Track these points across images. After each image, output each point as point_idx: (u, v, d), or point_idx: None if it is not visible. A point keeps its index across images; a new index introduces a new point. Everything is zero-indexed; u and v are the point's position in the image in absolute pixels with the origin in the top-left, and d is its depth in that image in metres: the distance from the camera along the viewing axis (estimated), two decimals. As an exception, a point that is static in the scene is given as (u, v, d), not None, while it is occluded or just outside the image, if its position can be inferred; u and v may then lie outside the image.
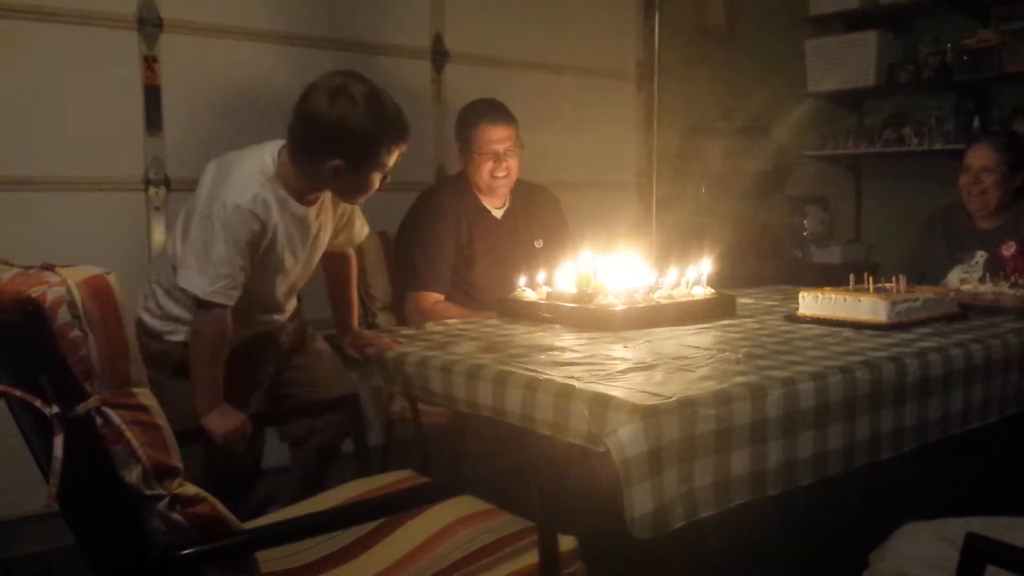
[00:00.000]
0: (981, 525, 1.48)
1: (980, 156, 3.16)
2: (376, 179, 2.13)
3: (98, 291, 1.22)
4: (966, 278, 2.85)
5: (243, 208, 2.03)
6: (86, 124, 3.23)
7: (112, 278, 1.25)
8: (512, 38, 4.33)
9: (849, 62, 4.50)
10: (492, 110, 2.98)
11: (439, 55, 4.12)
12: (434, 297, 2.91)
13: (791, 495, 1.69)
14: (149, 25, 3.33)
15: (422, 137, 4.09)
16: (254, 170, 2.10)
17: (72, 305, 1.20)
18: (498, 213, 3.07)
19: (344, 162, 2.05)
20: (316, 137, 2.04)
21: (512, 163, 2.98)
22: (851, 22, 4.57)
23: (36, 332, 1.20)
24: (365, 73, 3.85)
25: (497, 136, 2.94)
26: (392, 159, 2.13)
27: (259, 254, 2.11)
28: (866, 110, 4.73)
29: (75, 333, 1.20)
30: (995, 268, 2.91)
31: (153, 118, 3.36)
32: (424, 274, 2.91)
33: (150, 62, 3.34)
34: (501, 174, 2.96)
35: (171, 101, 3.39)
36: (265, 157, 2.12)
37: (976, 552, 1.35)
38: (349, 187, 2.13)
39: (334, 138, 2.03)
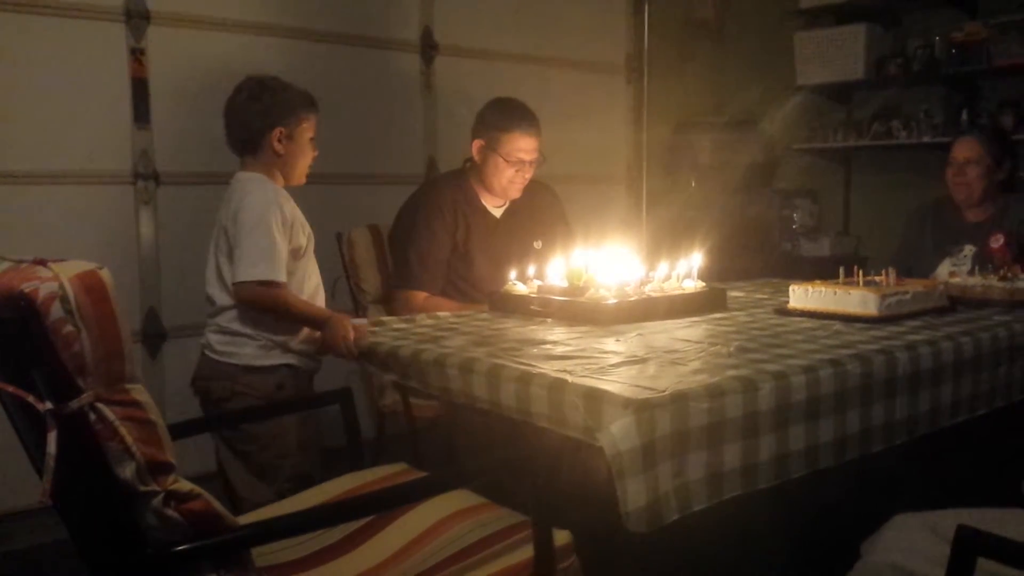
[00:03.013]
0: (972, 517, 1.49)
1: (965, 148, 3.18)
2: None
3: (91, 286, 1.22)
4: (955, 271, 2.87)
5: (274, 202, 2.41)
6: (73, 118, 3.22)
7: (105, 273, 1.25)
8: (501, 31, 4.33)
9: (838, 55, 4.51)
10: (527, 119, 2.92)
11: (428, 48, 4.12)
12: (424, 295, 2.90)
13: (783, 487, 1.70)
14: (136, 17, 3.32)
15: (412, 130, 4.09)
16: (264, 180, 2.47)
17: (65, 300, 1.19)
18: (497, 212, 3.05)
19: (283, 127, 2.45)
20: (249, 122, 2.46)
21: (530, 172, 2.96)
22: (840, 15, 4.58)
23: (29, 327, 1.19)
24: (354, 65, 3.92)
25: (528, 146, 2.90)
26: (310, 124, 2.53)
27: (292, 237, 2.44)
28: (855, 103, 4.75)
29: (68, 329, 1.20)
30: (983, 262, 2.92)
31: (141, 111, 3.34)
32: (418, 273, 2.90)
33: (137, 54, 3.33)
34: (518, 182, 2.94)
35: (159, 94, 3.37)
36: (258, 176, 2.48)
37: (967, 544, 1.36)
38: (293, 154, 2.50)
39: (266, 111, 2.45)
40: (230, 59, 3.44)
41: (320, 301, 2.56)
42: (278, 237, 2.37)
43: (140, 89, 3.34)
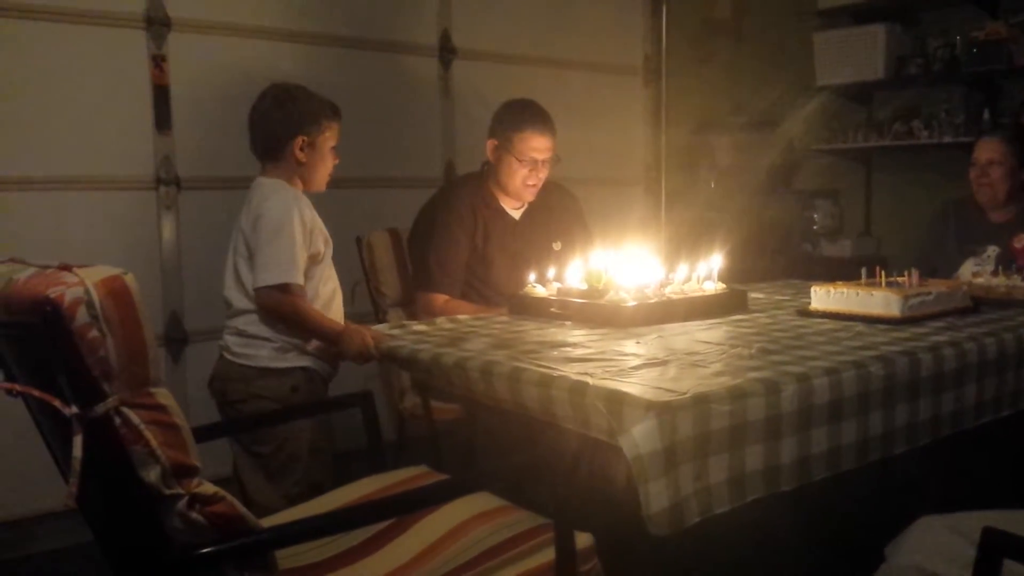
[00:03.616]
0: (997, 519, 1.48)
1: (988, 149, 3.17)
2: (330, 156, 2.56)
3: (116, 291, 1.23)
4: (979, 272, 2.85)
5: (295, 208, 2.43)
6: (96, 124, 3.24)
7: (130, 278, 1.26)
8: (519, 34, 4.33)
9: (858, 55, 4.49)
10: (540, 118, 2.93)
11: (446, 51, 4.13)
12: (444, 298, 2.91)
13: (805, 489, 1.69)
14: (157, 24, 3.34)
15: (430, 134, 4.10)
16: (285, 186, 2.50)
17: (90, 305, 1.21)
18: (516, 214, 3.05)
19: (305, 136, 2.47)
20: (272, 130, 2.49)
21: (544, 173, 2.96)
22: (859, 15, 4.56)
23: (54, 333, 1.20)
24: (373, 70, 3.94)
25: (540, 146, 2.90)
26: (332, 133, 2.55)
27: (312, 242, 2.46)
28: (875, 103, 4.72)
29: (93, 334, 1.21)
30: (1007, 262, 2.90)
31: (162, 117, 3.37)
32: (436, 275, 2.90)
33: (159, 61, 3.35)
34: (532, 182, 2.94)
35: (180, 100, 3.40)
36: (279, 182, 2.50)
37: (993, 546, 1.35)
38: (314, 161, 2.53)
39: (288, 119, 2.47)
40: (250, 65, 3.47)
41: (337, 305, 2.58)
42: (299, 242, 2.40)
43: (161, 96, 3.36)
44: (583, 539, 1.64)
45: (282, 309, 2.40)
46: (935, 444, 1.91)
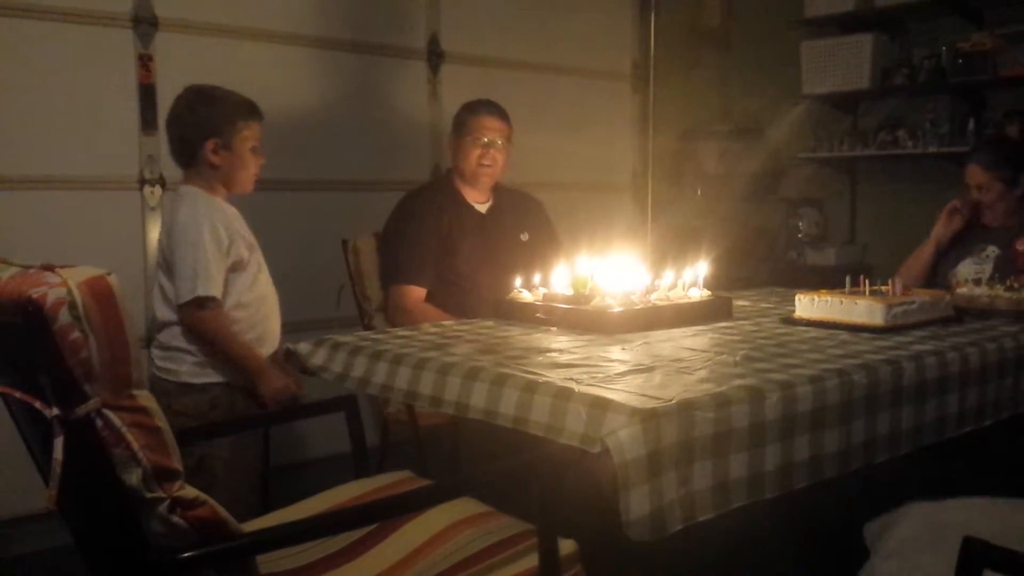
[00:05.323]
0: (981, 507, 1.48)
1: (974, 176, 3.18)
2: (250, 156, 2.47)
3: (99, 292, 1.22)
4: (961, 282, 2.86)
5: (206, 217, 2.37)
6: (81, 123, 3.22)
7: (113, 279, 1.25)
8: (508, 39, 4.33)
9: (844, 65, 4.52)
10: (491, 104, 3.12)
11: (435, 56, 4.12)
12: (416, 292, 2.94)
13: (788, 495, 1.69)
14: (144, 24, 3.33)
15: (418, 137, 4.10)
16: (197, 195, 2.44)
17: (73, 306, 1.20)
18: (482, 208, 3.13)
19: (216, 138, 2.40)
20: (182, 134, 2.44)
21: (499, 156, 3.07)
22: (846, 25, 4.58)
23: (36, 333, 1.19)
24: (360, 73, 3.93)
25: (492, 125, 3.06)
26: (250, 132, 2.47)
27: (232, 251, 2.39)
28: (861, 112, 4.75)
29: (76, 335, 1.20)
30: (1006, 262, 2.91)
31: (148, 117, 3.35)
32: (406, 266, 2.94)
33: (145, 61, 3.34)
34: (487, 163, 3.05)
35: (166, 100, 3.34)
36: (191, 190, 2.45)
37: (973, 556, 1.35)
38: (232, 164, 2.45)
39: (198, 123, 2.41)
40: (237, 66, 3.45)
41: (268, 311, 2.52)
42: (211, 252, 2.34)
43: (148, 95, 3.35)
44: (566, 545, 1.64)
45: (203, 328, 2.34)
46: (917, 453, 1.92)
